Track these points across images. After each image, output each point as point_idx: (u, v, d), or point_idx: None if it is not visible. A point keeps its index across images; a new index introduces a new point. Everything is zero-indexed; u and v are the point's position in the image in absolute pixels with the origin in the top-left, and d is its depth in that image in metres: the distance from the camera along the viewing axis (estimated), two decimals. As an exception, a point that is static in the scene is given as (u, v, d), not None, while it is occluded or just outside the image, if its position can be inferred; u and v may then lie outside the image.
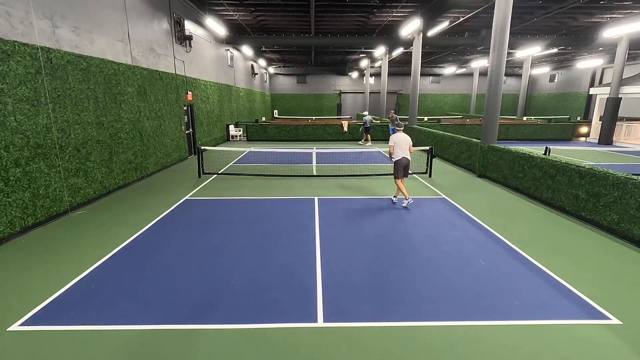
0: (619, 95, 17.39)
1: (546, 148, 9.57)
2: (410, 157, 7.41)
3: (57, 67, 6.54)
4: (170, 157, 11.68)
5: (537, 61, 29.03)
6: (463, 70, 33.84)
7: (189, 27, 13.46)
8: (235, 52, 21.09)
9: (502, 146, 9.40)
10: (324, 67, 35.21)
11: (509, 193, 8.64)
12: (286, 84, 37.35)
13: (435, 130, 14.58)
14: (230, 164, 12.25)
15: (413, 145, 7.59)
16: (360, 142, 18.35)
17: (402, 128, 7.59)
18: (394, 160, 7.36)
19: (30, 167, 5.93)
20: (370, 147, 16.54)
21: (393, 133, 18.99)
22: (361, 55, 26.85)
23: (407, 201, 7.41)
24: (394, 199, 7.75)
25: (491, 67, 9.41)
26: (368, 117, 17.91)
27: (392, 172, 7.71)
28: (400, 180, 7.39)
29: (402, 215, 6.90)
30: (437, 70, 35.52)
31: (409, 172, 7.59)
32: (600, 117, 19.79)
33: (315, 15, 15.46)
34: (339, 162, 12.52)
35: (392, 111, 19.26)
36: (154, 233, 5.95)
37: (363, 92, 36.06)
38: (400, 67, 33.01)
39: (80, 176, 7.16)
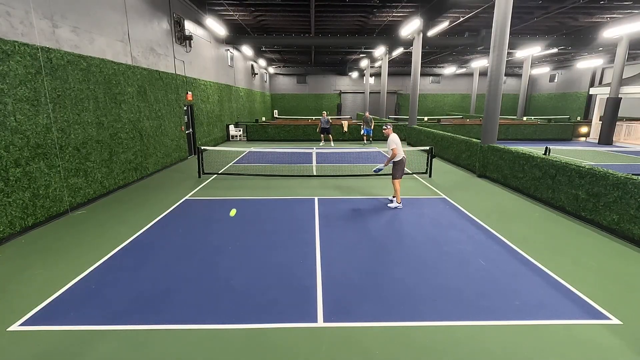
0: (619, 95, 17.39)
1: (546, 148, 9.58)
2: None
3: (57, 67, 6.54)
4: (170, 157, 11.68)
5: (537, 61, 29.03)
6: (463, 70, 33.84)
7: (189, 27, 13.46)
8: (235, 52, 21.10)
9: (502, 146, 9.39)
10: (324, 67, 35.21)
11: (509, 193, 8.64)
12: (286, 84, 37.35)
13: (435, 130, 14.57)
14: (230, 164, 12.25)
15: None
16: (323, 143, 17.98)
17: (391, 128, 7.49)
18: (396, 159, 7.23)
19: (30, 167, 5.93)
20: (329, 147, 16.35)
21: (367, 134, 18.69)
22: (361, 55, 26.85)
23: (400, 204, 7.32)
24: (393, 204, 7.44)
25: (491, 67, 9.41)
26: (325, 118, 17.63)
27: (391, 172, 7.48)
28: (399, 181, 7.31)
29: (402, 215, 6.90)
30: (437, 70, 35.53)
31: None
32: (600, 117, 19.80)
33: (315, 15, 15.46)
34: (339, 162, 12.52)
35: (367, 112, 19.22)
36: (154, 233, 5.95)
37: (363, 92, 36.08)
38: (400, 67, 33.02)
39: (80, 176, 7.16)
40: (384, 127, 7.58)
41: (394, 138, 7.27)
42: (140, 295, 4.06)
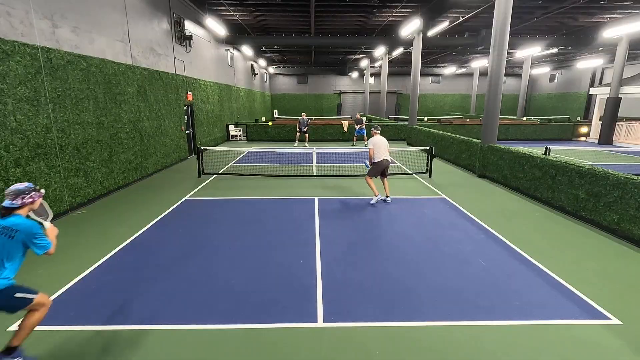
0: (619, 95, 17.39)
1: (546, 148, 9.60)
2: (390, 159, 7.55)
3: (57, 67, 6.54)
4: (170, 157, 11.68)
5: (537, 61, 29.03)
6: (463, 70, 33.84)
7: (189, 27, 13.46)
8: (235, 52, 21.10)
9: (502, 146, 9.39)
10: (324, 67, 35.21)
11: (509, 193, 8.64)
12: (286, 84, 37.35)
13: (435, 130, 14.57)
14: (230, 164, 12.25)
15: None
16: (306, 144, 17.65)
17: (379, 131, 7.74)
18: (373, 162, 7.47)
19: (30, 167, 5.93)
20: (308, 147, 16.17)
21: (359, 134, 18.62)
22: (361, 55, 26.85)
23: (375, 198, 7.58)
24: (378, 199, 7.68)
25: (491, 67, 9.41)
26: (303, 119, 17.41)
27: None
28: (370, 178, 7.56)
29: (402, 215, 6.90)
30: (437, 70, 35.52)
31: (388, 173, 7.79)
32: (600, 117, 19.80)
33: (315, 15, 15.46)
34: (339, 162, 12.51)
35: (359, 113, 19.18)
36: (154, 233, 5.95)
37: (363, 92, 36.08)
38: (400, 67, 33.01)
39: (80, 176, 7.16)
40: (373, 129, 7.89)
41: (374, 140, 7.50)
42: (140, 295, 4.06)
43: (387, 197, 7.76)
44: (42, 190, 2.99)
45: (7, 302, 2.83)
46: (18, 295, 2.86)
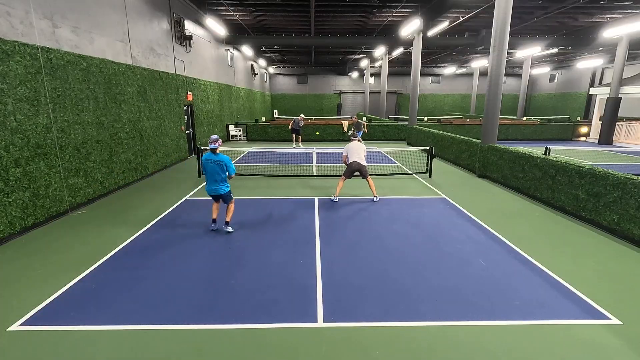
0: (619, 95, 17.39)
1: (546, 148, 9.60)
2: (364, 162, 7.79)
3: (57, 67, 6.54)
4: (170, 157, 11.68)
5: (537, 61, 29.03)
6: (463, 70, 33.84)
7: (189, 27, 13.46)
8: (235, 52, 21.09)
9: (502, 146, 9.39)
10: (324, 67, 35.21)
11: (509, 193, 8.64)
12: (286, 84, 37.35)
13: (435, 130, 14.57)
14: (230, 164, 12.22)
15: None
16: (300, 144, 17.37)
17: (357, 138, 8.04)
18: (347, 163, 7.88)
19: (30, 167, 5.93)
20: (302, 148, 16.03)
21: (359, 135, 18.41)
22: (361, 55, 26.85)
23: (334, 198, 7.87)
24: (334, 198, 7.91)
25: (491, 67, 9.41)
26: (298, 119, 17.12)
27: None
28: (343, 179, 7.91)
29: (402, 215, 6.90)
30: (437, 70, 35.53)
31: (368, 174, 7.99)
32: (600, 117, 19.80)
33: (315, 15, 15.47)
34: (339, 162, 12.50)
35: (355, 117, 19.31)
36: (154, 233, 5.95)
37: (363, 92, 36.09)
38: (400, 67, 33.02)
39: (80, 176, 7.16)
40: (351, 135, 8.21)
41: (348, 145, 7.89)
42: (140, 295, 4.06)
43: (375, 197, 7.90)
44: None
45: (227, 197, 5.88)
46: (231, 194, 5.94)
